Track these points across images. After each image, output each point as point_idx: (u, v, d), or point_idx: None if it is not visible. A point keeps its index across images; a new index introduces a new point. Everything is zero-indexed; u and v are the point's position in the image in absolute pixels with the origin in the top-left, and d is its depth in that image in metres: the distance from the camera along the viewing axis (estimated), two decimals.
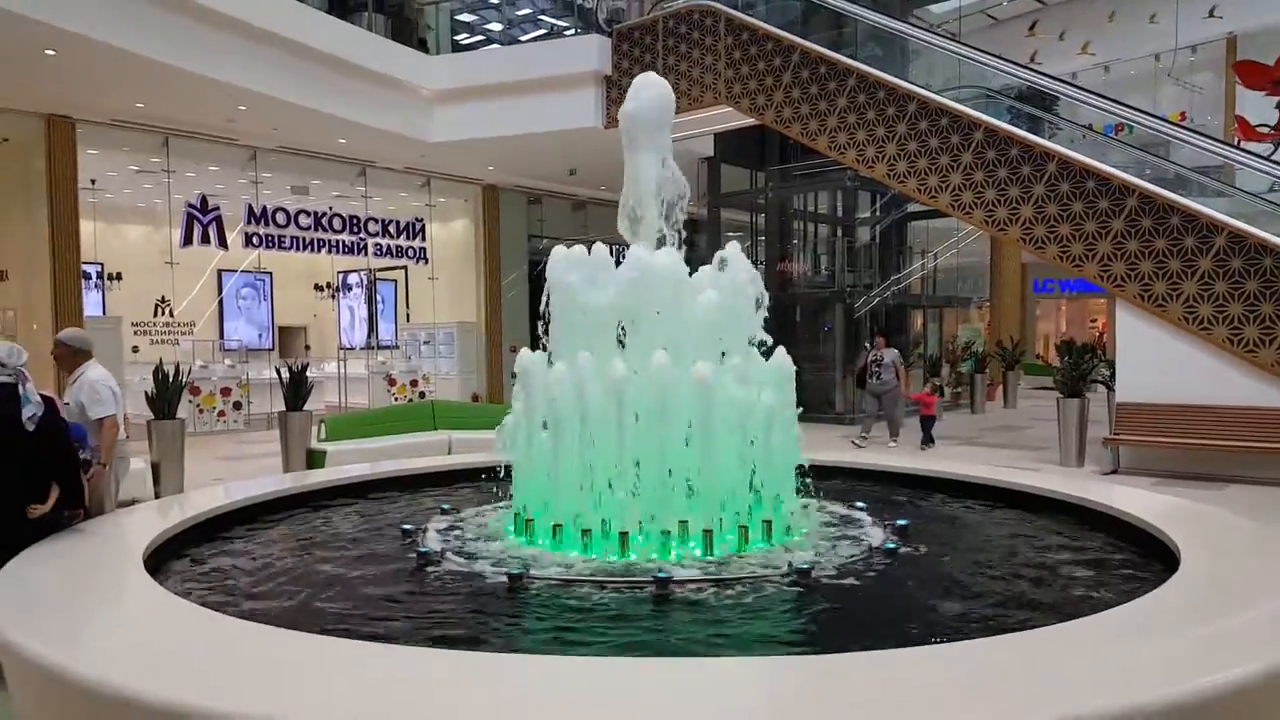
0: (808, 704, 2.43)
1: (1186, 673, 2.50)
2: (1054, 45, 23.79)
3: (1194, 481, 9.15)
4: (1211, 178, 11.29)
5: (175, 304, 19.57)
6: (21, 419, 4.11)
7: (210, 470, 10.61)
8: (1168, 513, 4.67)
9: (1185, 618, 3.06)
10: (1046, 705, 2.27)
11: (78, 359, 5.54)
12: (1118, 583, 3.93)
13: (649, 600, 3.80)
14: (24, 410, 4.12)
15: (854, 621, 3.66)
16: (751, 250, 18.67)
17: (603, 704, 2.41)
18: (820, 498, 5.48)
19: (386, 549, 4.76)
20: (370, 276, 21.30)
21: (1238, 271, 9.44)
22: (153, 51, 11.26)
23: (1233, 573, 3.62)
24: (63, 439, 4.36)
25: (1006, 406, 18.69)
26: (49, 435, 4.24)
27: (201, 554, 4.64)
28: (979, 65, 12.94)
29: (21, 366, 4.27)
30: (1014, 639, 2.94)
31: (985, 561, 4.45)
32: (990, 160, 11.17)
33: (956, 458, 10.61)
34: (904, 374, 12.71)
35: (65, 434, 4.40)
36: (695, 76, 14.22)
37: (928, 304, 19.91)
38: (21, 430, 4.11)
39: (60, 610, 3.33)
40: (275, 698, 2.42)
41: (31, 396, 4.21)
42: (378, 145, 16.51)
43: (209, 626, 3.09)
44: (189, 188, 16.75)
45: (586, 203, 22.43)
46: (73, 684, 2.60)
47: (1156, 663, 2.66)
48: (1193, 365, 9.69)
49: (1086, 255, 10.42)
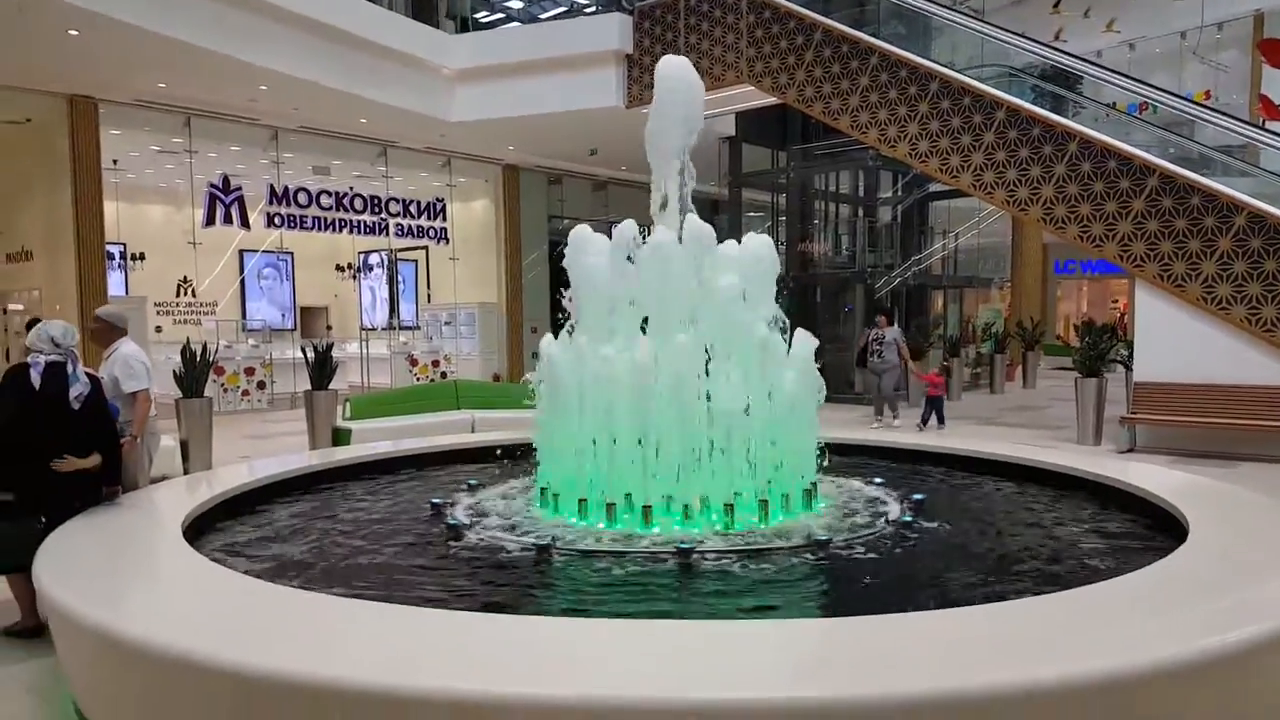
0: (822, 661, 2.55)
1: (1184, 636, 2.60)
2: (1079, 22, 23.45)
3: (1210, 460, 9.17)
4: (1236, 157, 11.20)
5: (197, 284, 19.80)
6: (69, 397, 4.27)
7: (237, 448, 10.82)
8: (1178, 488, 4.75)
9: (1187, 586, 3.14)
10: (1049, 664, 2.38)
11: (113, 335, 5.70)
12: (1126, 554, 4.02)
13: (672, 570, 3.92)
14: (72, 389, 4.30)
15: (868, 589, 3.77)
16: (773, 230, 18.67)
17: (633, 661, 2.54)
18: (840, 474, 5.58)
19: (415, 522, 4.90)
20: (391, 257, 21.45)
21: (1257, 251, 9.40)
22: (175, 32, 11.38)
23: (1240, 544, 3.69)
24: (106, 418, 4.53)
25: (1026, 387, 18.65)
26: (94, 414, 4.41)
27: (236, 527, 4.81)
28: (1001, 44, 12.84)
29: (74, 346, 4.43)
30: (1022, 604, 3.05)
31: (997, 533, 4.55)
32: (1012, 140, 11.13)
33: (973, 436, 10.66)
34: (906, 352, 12.69)
35: (109, 414, 4.57)
36: (717, 55, 14.19)
37: (948, 284, 19.84)
38: (69, 408, 4.28)
39: (106, 577, 3.49)
40: (319, 657, 2.55)
41: (80, 376, 4.39)
42: (398, 125, 16.60)
43: (250, 592, 3.23)
44: (211, 168, 16.91)
45: (607, 183, 22.45)
46: (128, 644, 2.75)
47: (1155, 627, 2.75)
48: (1210, 345, 9.67)
49: (1107, 235, 10.39)
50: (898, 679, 2.33)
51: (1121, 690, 2.35)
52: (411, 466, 6.52)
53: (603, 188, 22.65)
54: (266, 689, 2.45)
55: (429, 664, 2.50)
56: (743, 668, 2.51)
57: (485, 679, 2.35)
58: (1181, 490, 4.68)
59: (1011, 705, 2.29)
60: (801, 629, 3.11)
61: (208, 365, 9.93)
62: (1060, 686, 2.30)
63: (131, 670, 2.85)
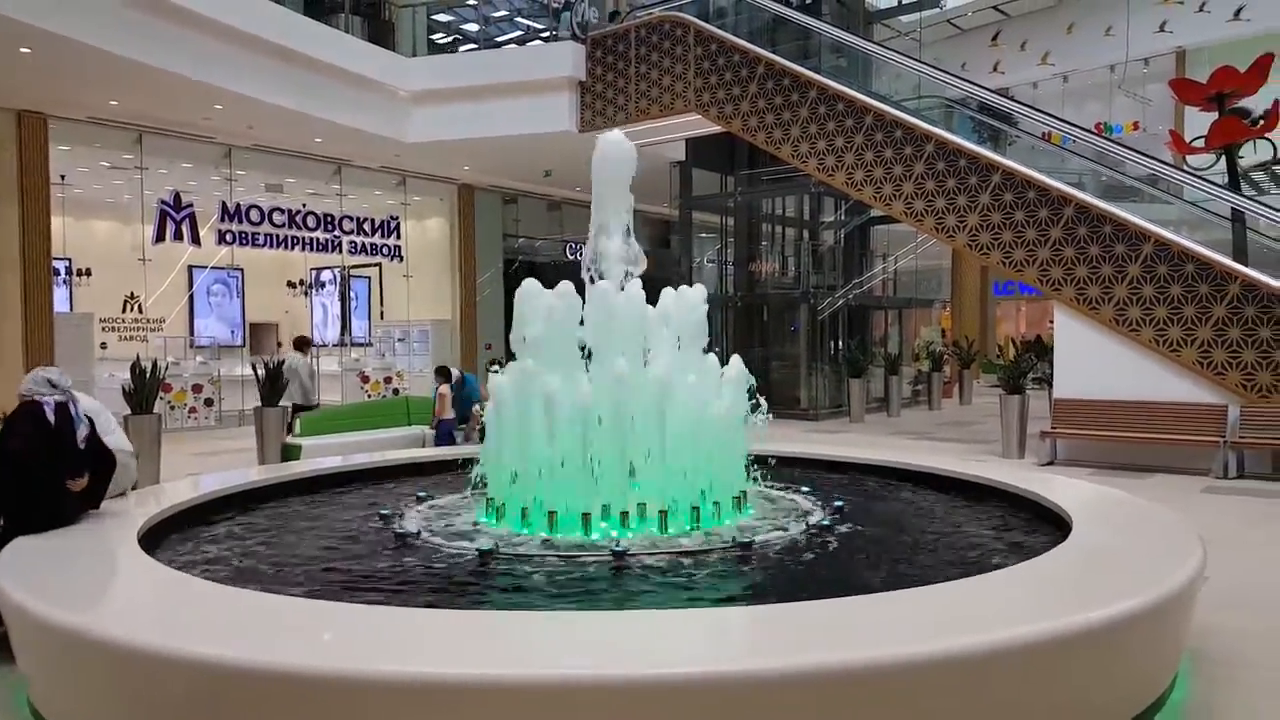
0: (746, 645, 2.91)
1: (1048, 615, 3.01)
2: (1016, 55, 24.59)
3: (1124, 472, 9.78)
4: (1160, 189, 11.98)
5: (145, 300, 19.63)
6: (78, 438, 4.51)
7: (185, 465, 10.85)
8: (1074, 495, 5.22)
9: (1060, 575, 3.58)
10: (938, 640, 2.78)
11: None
12: (1017, 552, 4.46)
13: (608, 572, 4.26)
14: (79, 430, 4.53)
15: (790, 584, 4.16)
16: (722, 251, 19.20)
17: (585, 650, 2.89)
18: (771, 484, 5.98)
19: (366, 531, 5.17)
20: (344, 273, 21.52)
21: (1163, 277, 10.10)
22: (130, 51, 11.49)
23: (1115, 541, 4.16)
24: (103, 456, 4.73)
25: (963, 404, 19.38)
26: (95, 453, 4.64)
27: (188, 538, 5.02)
28: (932, 79, 13.53)
29: (70, 388, 4.66)
30: (918, 592, 3.45)
31: (907, 534, 4.98)
32: (940, 170, 11.77)
33: (904, 449, 11.17)
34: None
35: (105, 449, 4.76)
36: (666, 85, 14.69)
37: (889, 305, 20.55)
38: (77, 447, 4.52)
39: (66, 583, 3.63)
40: (275, 649, 2.82)
41: (82, 418, 4.61)
42: (353, 144, 16.79)
43: (207, 594, 3.48)
44: (161, 184, 16.88)
45: (561, 203, 22.83)
46: (95, 643, 2.95)
47: (1028, 608, 3.17)
48: (1123, 364, 10.34)
49: (1028, 260, 11.04)
50: (794, 656, 2.72)
51: (962, 666, 2.76)
52: (363, 480, 6.76)
53: (557, 208, 23.02)
54: (221, 679, 2.71)
55: (384, 653, 2.78)
56: (666, 649, 2.87)
57: (436, 664, 2.66)
58: (1076, 497, 5.16)
59: (888, 676, 2.68)
60: (717, 617, 3.47)
61: (157, 381, 10.00)
62: (906, 663, 2.69)
63: (89, 664, 3.06)
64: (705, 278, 19.61)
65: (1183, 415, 9.90)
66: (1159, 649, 3.40)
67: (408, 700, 2.57)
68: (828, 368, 17.08)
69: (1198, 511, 7.41)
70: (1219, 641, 4.29)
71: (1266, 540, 6.80)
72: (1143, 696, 3.31)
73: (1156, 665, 3.43)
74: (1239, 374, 9.69)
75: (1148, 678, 3.36)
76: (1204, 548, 3.83)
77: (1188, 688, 3.71)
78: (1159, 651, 3.41)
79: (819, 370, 16.86)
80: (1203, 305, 9.85)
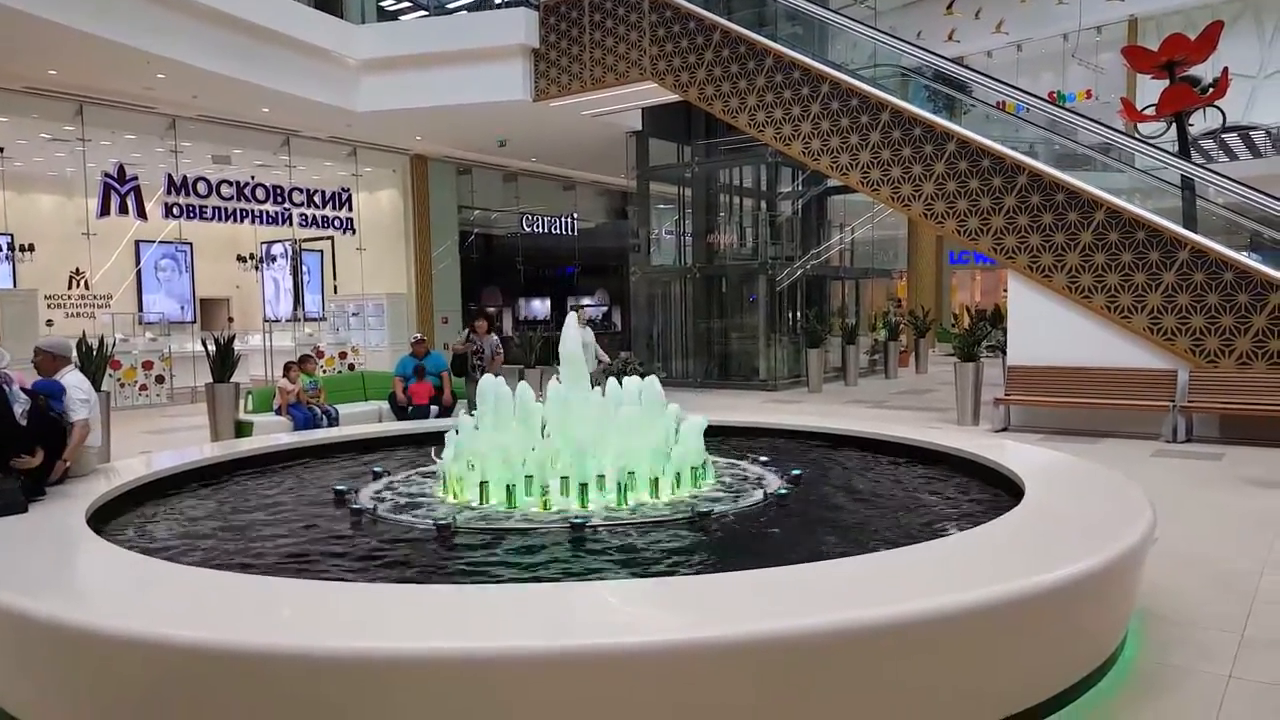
0: (697, 613, 2.90)
1: (1001, 578, 3.05)
2: (971, 23, 24.68)
3: (1076, 437, 9.98)
4: (1113, 157, 12.13)
5: (91, 276, 19.09)
6: (15, 416, 4.55)
7: (137, 443, 10.61)
8: (1026, 460, 5.30)
9: (1013, 539, 3.63)
10: (890, 605, 2.79)
11: (57, 364, 5.64)
12: (971, 515, 4.52)
13: (566, 542, 4.23)
14: (15, 407, 4.58)
15: (744, 551, 4.16)
16: (679, 222, 19.12)
17: (538, 620, 2.84)
18: (730, 453, 5.98)
19: (321, 508, 5.08)
20: (295, 247, 21.08)
21: (1115, 244, 10.26)
22: (65, 18, 11.05)
23: (1067, 504, 4.22)
24: (49, 427, 4.79)
25: (919, 372, 19.61)
26: (39, 428, 4.69)
27: (140, 517, 4.90)
28: (888, 47, 13.53)
29: (4, 368, 4.67)
30: (871, 558, 3.47)
31: (863, 501, 5.02)
32: (895, 139, 11.79)
33: (862, 418, 11.28)
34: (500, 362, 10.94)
35: (53, 423, 4.83)
36: (621, 52, 14.50)
37: (846, 276, 20.67)
38: (16, 425, 4.56)
39: (12, 565, 3.53)
40: (234, 628, 2.77)
41: (18, 395, 4.66)
42: (302, 114, 16.38)
43: (161, 574, 3.40)
44: (104, 156, 16.36)
45: (517, 174, 22.53)
46: (47, 627, 2.88)
47: (982, 571, 3.20)
48: (1075, 330, 10.51)
49: (981, 229, 11.14)
50: (745, 621, 2.71)
51: (915, 631, 2.78)
52: (318, 455, 6.65)
53: (513, 179, 22.72)
54: (182, 660, 2.66)
55: (335, 628, 2.75)
56: (626, 618, 2.85)
57: (390, 639, 2.62)
58: (1029, 462, 5.23)
59: (841, 642, 2.69)
60: (671, 586, 3.46)
61: (106, 359, 9.76)
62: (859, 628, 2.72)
63: (43, 650, 2.98)
64: (663, 249, 19.55)
65: (1133, 381, 10.12)
66: (1110, 609, 3.47)
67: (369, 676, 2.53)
68: (786, 338, 17.14)
69: (1148, 475, 7.58)
70: (1168, 600, 4.39)
71: (1214, 502, 6.98)
72: (1095, 655, 3.38)
73: (1108, 625, 3.50)
74: (1188, 339, 9.90)
75: (1100, 637, 3.43)
76: (1154, 509, 3.91)
77: (1138, 646, 3.79)
78: (1110, 612, 3.48)
79: (777, 341, 16.91)
80: (1153, 272, 10.04)
